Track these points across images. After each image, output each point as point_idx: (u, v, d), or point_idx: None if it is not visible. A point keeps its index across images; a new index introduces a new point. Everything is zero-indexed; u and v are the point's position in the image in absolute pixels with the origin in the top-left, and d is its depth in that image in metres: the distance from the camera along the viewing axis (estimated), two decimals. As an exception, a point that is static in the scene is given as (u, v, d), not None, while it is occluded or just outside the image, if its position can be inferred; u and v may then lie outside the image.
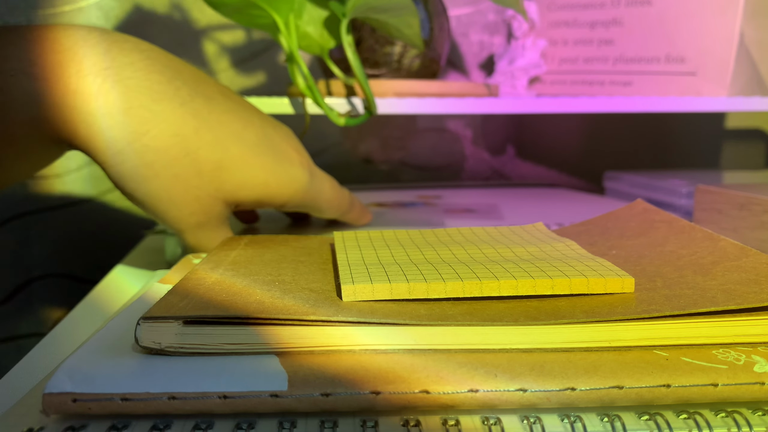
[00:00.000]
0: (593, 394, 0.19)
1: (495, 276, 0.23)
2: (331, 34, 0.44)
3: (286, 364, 0.19)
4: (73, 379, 0.18)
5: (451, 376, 0.19)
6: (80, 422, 0.18)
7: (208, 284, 0.24)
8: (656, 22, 0.52)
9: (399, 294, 0.23)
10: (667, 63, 0.51)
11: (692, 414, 0.19)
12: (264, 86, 0.64)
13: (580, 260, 0.25)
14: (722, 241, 0.27)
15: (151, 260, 0.41)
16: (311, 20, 0.43)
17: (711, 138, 0.72)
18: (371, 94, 0.43)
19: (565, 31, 0.58)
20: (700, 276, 0.24)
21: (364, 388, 0.18)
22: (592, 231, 0.33)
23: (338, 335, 0.20)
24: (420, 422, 0.18)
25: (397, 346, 0.20)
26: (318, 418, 0.19)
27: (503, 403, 0.19)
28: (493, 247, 0.28)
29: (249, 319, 0.21)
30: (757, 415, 0.19)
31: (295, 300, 0.22)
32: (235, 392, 0.18)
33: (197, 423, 0.18)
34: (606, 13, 0.55)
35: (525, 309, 0.22)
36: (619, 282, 0.23)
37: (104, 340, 0.21)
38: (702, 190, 0.40)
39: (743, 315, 0.21)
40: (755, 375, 0.19)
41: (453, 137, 0.70)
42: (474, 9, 0.64)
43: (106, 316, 0.30)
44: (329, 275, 0.26)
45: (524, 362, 0.20)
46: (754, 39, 0.49)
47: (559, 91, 0.60)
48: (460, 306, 0.22)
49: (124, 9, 0.60)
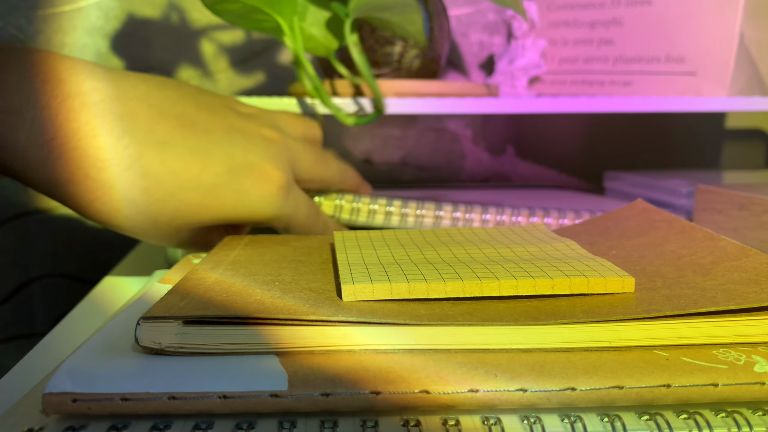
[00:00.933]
0: (593, 394, 0.19)
1: (495, 276, 0.23)
2: (335, 35, 0.44)
3: (286, 364, 0.19)
4: (73, 379, 0.18)
5: (451, 376, 0.19)
6: (80, 422, 0.18)
7: (208, 284, 0.24)
8: (656, 22, 0.52)
9: (399, 294, 0.23)
10: (667, 63, 0.51)
11: (692, 414, 0.19)
12: (264, 86, 0.64)
13: (581, 260, 0.25)
14: (722, 241, 0.27)
15: (151, 260, 0.41)
16: (315, 22, 0.43)
17: (711, 138, 0.72)
18: (380, 92, 0.43)
19: (565, 31, 0.58)
20: (700, 276, 0.24)
21: (364, 388, 0.18)
22: (592, 231, 0.33)
23: (338, 335, 0.20)
24: (420, 422, 0.18)
25: (397, 346, 0.20)
26: (318, 418, 0.19)
27: (503, 403, 0.19)
28: (493, 247, 0.28)
29: (249, 319, 0.21)
30: (757, 415, 0.19)
31: (295, 300, 0.22)
32: (235, 392, 0.18)
33: (197, 423, 0.18)
34: (606, 13, 0.55)
35: (525, 309, 0.22)
36: (619, 282, 0.23)
37: (104, 340, 0.21)
38: (702, 190, 0.40)
39: (743, 315, 0.21)
40: (755, 375, 0.19)
41: (453, 137, 0.70)
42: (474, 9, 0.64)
43: (106, 316, 0.30)
44: (329, 275, 0.26)
45: (524, 362, 0.20)
46: (754, 39, 0.49)
47: (559, 91, 0.60)
48: (460, 306, 0.22)
49: (124, 9, 0.60)
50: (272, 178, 0.33)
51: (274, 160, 0.33)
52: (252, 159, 0.32)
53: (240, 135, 0.33)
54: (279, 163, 0.33)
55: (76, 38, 0.60)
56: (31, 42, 0.59)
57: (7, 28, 0.58)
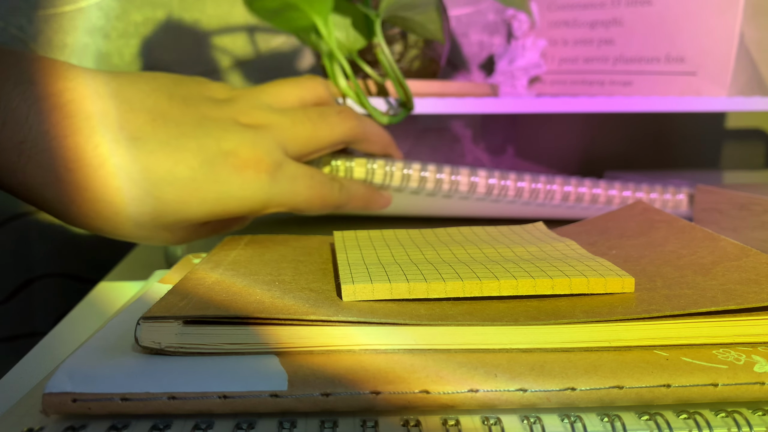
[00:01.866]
0: (593, 394, 0.19)
1: (495, 276, 0.23)
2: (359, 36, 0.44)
3: (286, 364, 0.19)
4: (73, 379, 0.18)
5: (451, 376, 0.19)
6: (80, 422, 0.18)
7: (208, 284, 0.24)
8: (656, 22, 0.52)
9: (399, 294, 0.23)
10: (667, 63, 0.51)
11: (692, 414, 0.19)
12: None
13: (581, 260, 0.25)
14: (722, 241, 0.27)
15: (151, 260, 0.41)
16: (339, 24, 0.43)
17: (711, 138, 0.72)
18: (410, 90, 0.43)
19: (565, 31, 0.58)
20: (700, 276, 0.24)
21: (364, 388, 0.18)
22: (592, 231, 0.33)
23: (338, 335, 0.20)
24: (420, 422, 0.18)
25: (397, 346, 0.20)
26: (318, 418, 0.19)
27: (503, 403, 0.19)
28: (493, 247, 0.28)
29: (249, 319, 0.21)
30: (757, 415, 0.19)
31: (295, 300, 0.22)
32: (235, 392, 0.18)
33: (197, 423, 0.18)
34: (606, 13, 0.55)
35: (525, 309, 0.22)
36: (620, 282, 0.23)
37: (104, 340, 0.21)
38: (702, 190, 0.40)
39: (743, 315, 0.21)
40: (755, 375, 0.19)
41: (453, 137, 0.70)
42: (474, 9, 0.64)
43: (106, 316, 0.30)
44: (329, 275, 0.26)
45: (524, 362, 0.20)
46: (754, 39, 0.49)
47: (559, 91, 0.60)
48: (460, 306, 0.22)
49: (124, 9, 0.60)
50: (251, 164, 0.31)
51: (252, 144, 0.31)
52: (227, 147, 0.31)
53: (213, 124, 0.31)
54: (258, 145, 0.32)
55: (77, 38, 0.60)
56: (32, 42, 0.59)
57: (8, 29, 0.58)
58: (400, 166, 0.39)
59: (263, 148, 0.32)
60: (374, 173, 0.38)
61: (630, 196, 0.43)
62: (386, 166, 0.39)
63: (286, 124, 0.34)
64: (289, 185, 0.33)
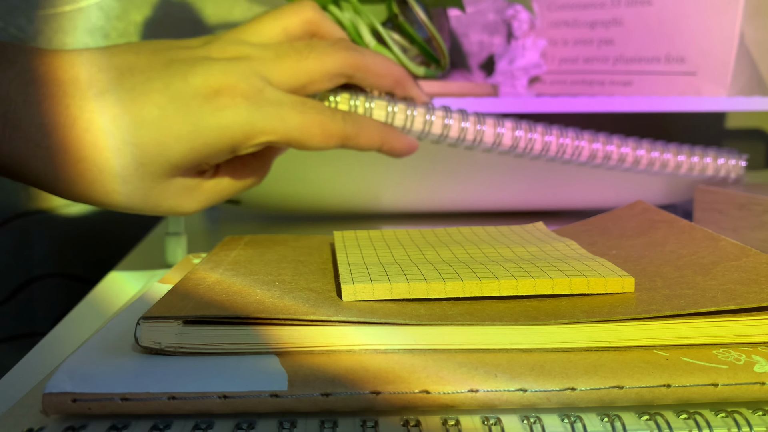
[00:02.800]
0: (593, 394, 0.19)
1: (495, 276, 0.23)
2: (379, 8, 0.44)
3: (286, 364, 0.19)
4: (73, 379, 0.18)
5: (451, 376, 0.19)
6: (80, 422, 0.18)
7: (208, 284, 0.24)
8: (656, 22, 0.52)
9: (399, 294, 0.23)
10: (667, 63, 0.51)
11: (692, 414, 0.19)
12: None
13: (581, 260, 0.25)
14: (722, 241, 0.27)
15: (151, 260, 0.41)
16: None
17: (711, 138, 0.72)
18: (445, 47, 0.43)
19: (565, 31, 0.58)
20: (700, 276, 0.24)
21: (364, 388, 0.18)
22: (592, 231, 0.33)
23: (338, 335, 0.20)
24: (420, 422, 0.18)
25: (397, 346, 0.20)
26: (318, 418, 0.19)
27: (503, 403, 0.19)
28: (493, 247, 0.28)
29: (249, 319, 0.21)
30: (757, 415, 0.19)
31: (295, 300, 0.22)
32: (235, 392, 0.18)
33: (197, 423, 0.18)
34: (606, 13, 0.55)
35: (525, 309, 0.22)
36: (620, 282, 0.23)
37: (104, 340, 0.21)
38: (702, 190, 0.40)
39: (743, 315, 0.21)
40: (755, 375, 0.19)
41: (453, 137, 0.70)
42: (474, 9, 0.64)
43: (106, 316, 0.30)
44: (329, 275, 0.26)
45: (524, 362, 0.20)
46: (754, 39, 0.49)
47: (559, 90, 0.60)
48: (460, 306, 0.22)
49: (125, 9, 0.60)
50: (223, 90, 0.30)
51: (223, 72, 0.30)
52: (195, 81, 0.30)
53: (180, 63, 0.30)
54: (231, 72, 0.30)
55: (77, 38, 0.60)
56: (31, 42, 0.59)
57: (7, 29, 0.58)
58: (422, 111, 0.36)
59: (236, 74, 0.30)
60: (395, 116, 0.35)
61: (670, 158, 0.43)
62: (407, 110, 0.35)
63: (267, 56, 0.32)
64: (275, 110, 0.30)
